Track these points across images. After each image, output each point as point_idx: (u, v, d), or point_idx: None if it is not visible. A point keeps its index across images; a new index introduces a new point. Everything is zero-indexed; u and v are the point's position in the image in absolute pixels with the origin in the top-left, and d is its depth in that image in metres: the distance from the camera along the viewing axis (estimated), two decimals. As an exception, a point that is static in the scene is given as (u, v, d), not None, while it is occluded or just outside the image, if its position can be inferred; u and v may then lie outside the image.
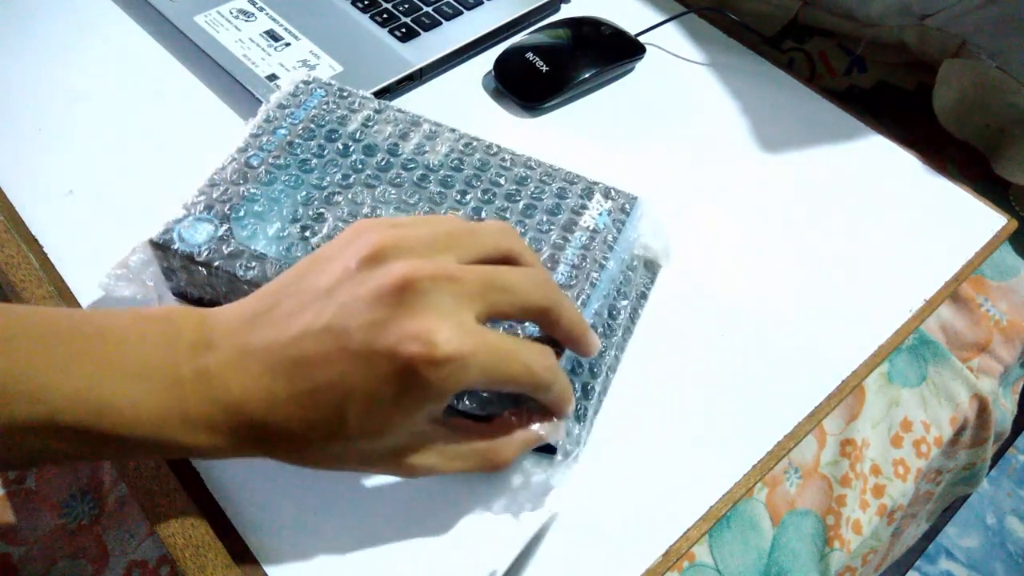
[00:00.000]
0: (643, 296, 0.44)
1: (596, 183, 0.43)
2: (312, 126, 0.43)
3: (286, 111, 0.43)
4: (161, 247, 0.37)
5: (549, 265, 0.38)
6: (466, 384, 0.28)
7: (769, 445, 0.40)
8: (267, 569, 0.34)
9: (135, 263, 0.39)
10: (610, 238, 0.40)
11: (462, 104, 0.55)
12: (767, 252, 0.49)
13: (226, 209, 0.38)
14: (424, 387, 0.27)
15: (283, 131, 0.42)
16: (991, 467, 1.25)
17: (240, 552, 0.35)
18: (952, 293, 0.50)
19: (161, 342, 0.28)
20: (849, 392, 0.43)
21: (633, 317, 0.43)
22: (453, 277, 0.28)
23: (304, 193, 0.40)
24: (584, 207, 0.41)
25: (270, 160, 0.41)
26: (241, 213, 0.38)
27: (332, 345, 0.27)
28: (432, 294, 0.27)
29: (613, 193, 0.43)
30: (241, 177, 0.40)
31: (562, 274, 0.38)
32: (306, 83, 0.45)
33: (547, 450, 0.37)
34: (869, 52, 0.62)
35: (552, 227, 0.40)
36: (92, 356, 0.27)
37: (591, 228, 0.40)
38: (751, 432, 0.41)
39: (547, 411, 0.34)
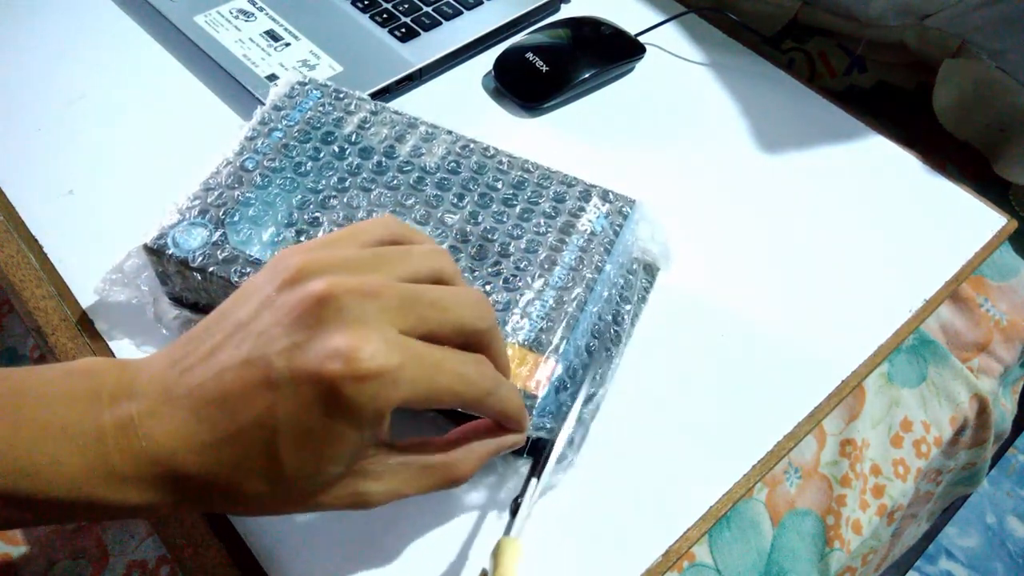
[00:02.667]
0: (643, 299, 0.44)
1: (594, 186, 0.42)
2: (308, 128, 0.43)
3: (281, 113, 0.43)
4: (155, 252, 0.37)
5: (546, 266, 0.38)
6: (398, 401, 0.26)
7: (769, 445, 0.40)
8: (267, 569, 0.34)
9: (130, 268, 0.38)
10: (607, 241, 0.40)
11: (462, 104, 0.55)
12: (767, 252, 0.49)
13: (220, 214, 0.38)
14: (353, 408, 0.25)
15: (278, 133, 0.42)
16: (991, 467, 1.25)
17: (240, 552, 0.35)
18: (952, 293, 0.50)
19: (83, 396, 0.26)
20: (849, 392, 0.43)
21: (633, 321, 0.43)
22: (375, 291, 0.26)
23: (299, 196, 0.40)
24: (582, 210, 0.41)
25: (265, 163, 0.41)
26: (236, 218, 0.38)
27: (253, 378, 0.26)
28: (353, 309, 0.26)
29: (611, 196, 0.42)
30: (236, 181, 0.40)
31: (559, 276, 0.38)
32: (302, 84, 0.45)
33: (536, 452, 0.36)
34: (869, 52, 0.62)
35: (550, 230, 0.40)
36: (9, 418, 0.25)
37: (588, 231, 0.40)
38: (751, 432, 0.41)
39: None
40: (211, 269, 0.37)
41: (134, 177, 0.48)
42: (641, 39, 0.59)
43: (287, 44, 0.55)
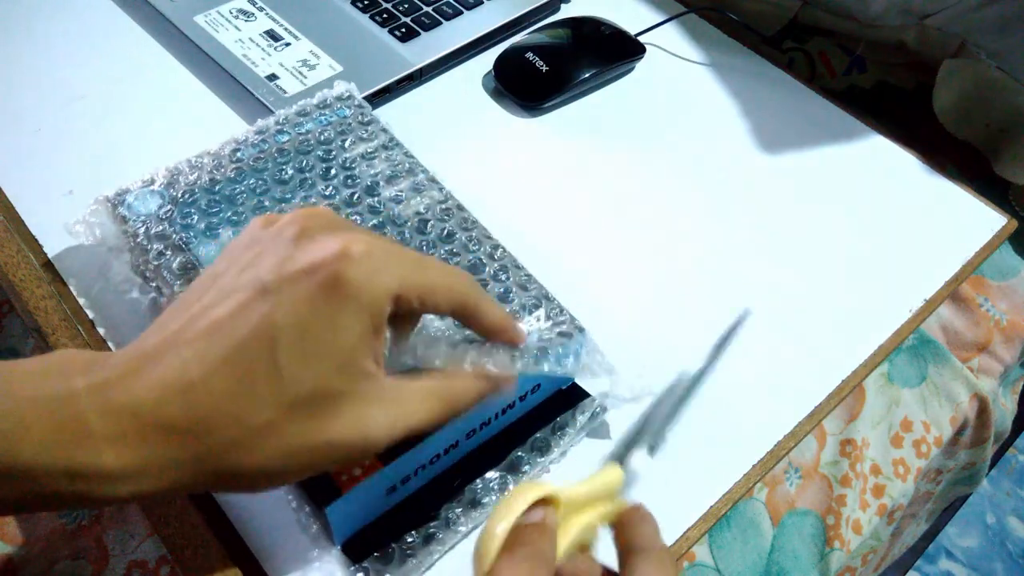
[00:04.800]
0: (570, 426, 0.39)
1: (549, 298, 0.38)
2: (314, 141, 0.43)
3: (302, 118, 0.43)
4: (112, 205, 0.38)
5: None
6: (394, 286, 0.26)
7: (769, 445, 0.40)
8: (266, 568, 0.34)
9: (91, 216, 0.39)
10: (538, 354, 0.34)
11: (462, 104, 0.55)
12: (766, 251, 0.49)
13: (179, 192, 0.38)
14: (352, 289, 0.25)
15: (284, 136, 0.42)
16: (991, 467, 1.25)
17: (240, 552, 0.35)
18: (952, 293, 0.50)
19: (55, 370, 0.25)
20: (849, 392, 0.43)
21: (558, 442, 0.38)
22: (359, 235, 0.27)
23: (256, 201, 0.40)
24: (526, 315, 0.37)
25: (251, 161, 0.41)
26: (190, 200, 0.38)
27: (244, 298, 0.25)
28: (342, 223, 0.28)
29: (561, 316, 0.37)
30: (217, 165, 0.39)
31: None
32: (340, 98, 0.45)
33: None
34: (869, 52, 0.62)
35: None
36: None
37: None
38: (751, 432, 0.41)
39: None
40: (139, 238, 0.37)
41: (134, 177, 0.48)
42: (641, 39, 0.59)
43: (287, 44, 0.55)
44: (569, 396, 0.39)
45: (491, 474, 0.36)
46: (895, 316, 0.46)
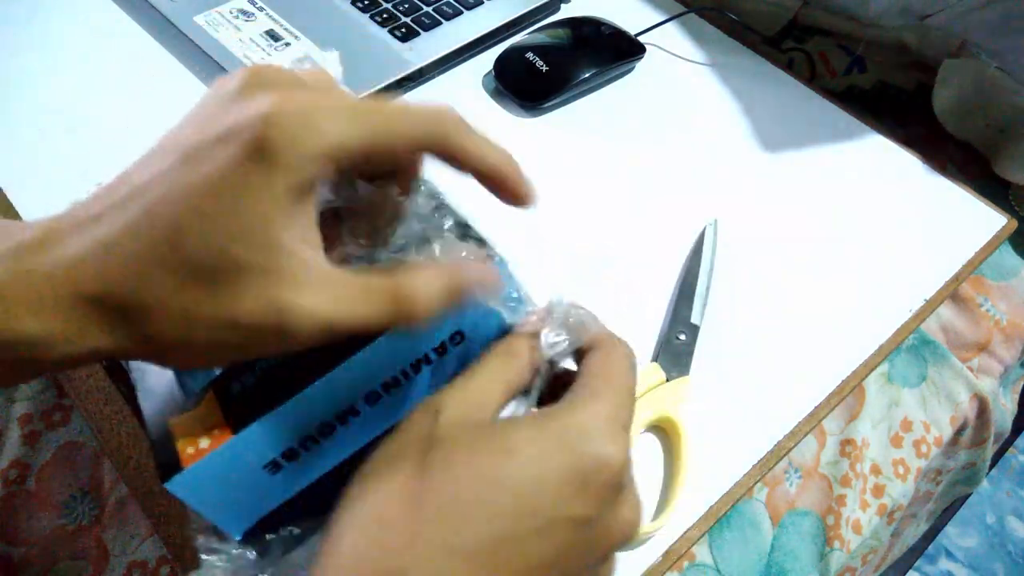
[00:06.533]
0: None
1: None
2: None
3: None
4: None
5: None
6: (318, 145, 0.23)
7: (769, 445, 0.40)
8: (267, 569, 0.34)
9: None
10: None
11: (462, 104, 0.55)
12: (766, 251, 0.49)
13: None
14: (267, 151, 0.22)
15: None
16: (991, 467, 1.25)
17: (240, 552, 0.35)
18: (952, 293, 0.50)
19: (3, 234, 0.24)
20: (849, 392, 0.43)
21: None
22: (300, 92, 0.24)
23: None
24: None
25: None
26: None
27: (166, 161, 0.23)
28: (283, 81, 0.24)
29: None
30: None
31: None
32: None
33: None
34: (869, 52, 0.62)
35: None
36: None
37: None
38: (751, 432, 0.41)
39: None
40: None
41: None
42: (641, 39, 0.59)
43: (287, 44, 0.55)
44: None
45: None
46: (895, 316, 0.46)
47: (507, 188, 0.26)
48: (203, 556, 0.27)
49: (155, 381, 0.28)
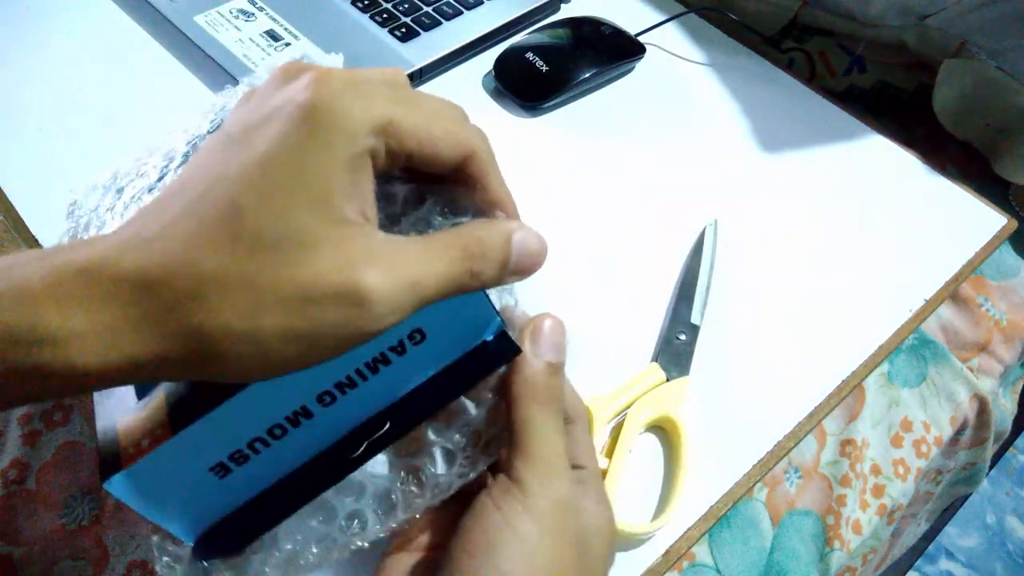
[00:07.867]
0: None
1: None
2: None
3: None
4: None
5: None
6: (372, 115, 0.22)
7: (769, 445, 0.40)
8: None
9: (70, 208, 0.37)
10: None
11: (462, 104, 0.55)
12: (766, 252, 0.49)
13: (124, 182, 0.35)
14: (321, 114, 0.22)
15: None
16: (991, 467, 1.25)
17: (240, 552, 0.35)
18: (952, 293, 0.50)
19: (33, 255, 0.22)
20: (849, 392, 0.43)
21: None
22: (345, 71, 0.24)
23: None
24: None
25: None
26: (130, 193, 0.35)
27: (210, 153, 0.23)
28: (331, 74, 0.23)
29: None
30: (166, 158, 0.36)
31: None
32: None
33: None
34: (869, 52, 0.62)
35: None
36: None
37: None
38: (751, 432, 0.41)
39: None
40: (70, 232, 0.33)
41: (134, 177, 0.48)
42: (641, 39, 0.59)
43: (287, 44, 0.55)
44: (491, 355, 0.28)
45: (379, 468, 0.29)
46: (895, 316, 0.46)
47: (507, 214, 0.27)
48: (156, 555, 0.27)
49: None
